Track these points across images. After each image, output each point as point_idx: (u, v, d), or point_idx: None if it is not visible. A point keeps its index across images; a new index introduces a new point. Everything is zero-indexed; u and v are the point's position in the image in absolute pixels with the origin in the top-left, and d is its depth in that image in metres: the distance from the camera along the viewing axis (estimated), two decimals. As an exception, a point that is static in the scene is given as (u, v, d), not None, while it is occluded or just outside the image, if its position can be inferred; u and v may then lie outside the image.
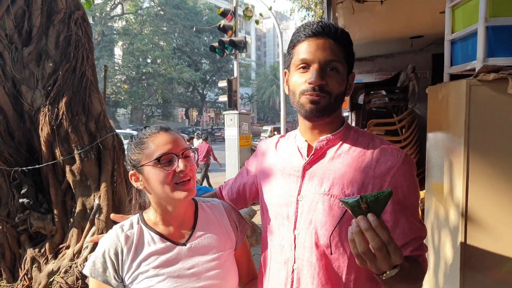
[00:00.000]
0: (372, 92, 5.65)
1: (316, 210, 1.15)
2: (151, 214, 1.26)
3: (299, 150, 1.25)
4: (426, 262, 1.16)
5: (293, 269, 1.19)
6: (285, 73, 1.26)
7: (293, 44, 1.19)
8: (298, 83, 1.14)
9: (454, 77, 2.16)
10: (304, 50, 1.13)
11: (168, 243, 1.22)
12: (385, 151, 1.15)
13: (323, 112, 1.14)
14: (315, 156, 1.20)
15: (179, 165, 1.16)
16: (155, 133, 1.20)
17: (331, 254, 1.13)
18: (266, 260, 1.30)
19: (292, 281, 1.18)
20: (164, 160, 1.16)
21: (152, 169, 1.16)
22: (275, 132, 28.01)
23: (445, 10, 2.23)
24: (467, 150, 1.76)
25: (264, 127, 33.27)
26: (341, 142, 1.20)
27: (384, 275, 0.92)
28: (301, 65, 1.14)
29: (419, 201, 1.19)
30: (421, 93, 4.74)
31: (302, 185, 1.19)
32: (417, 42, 5.72)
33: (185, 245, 1.23)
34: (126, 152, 1.27)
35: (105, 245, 1.20)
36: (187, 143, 1.60)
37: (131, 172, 1.22)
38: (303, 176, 1.20)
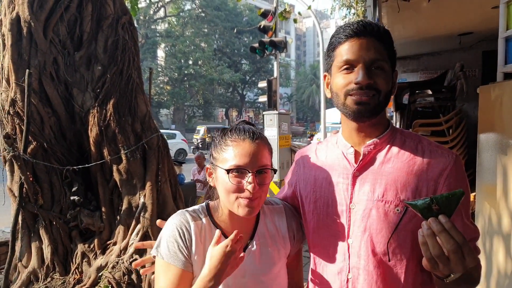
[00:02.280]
0: (418, 92, 5.47)
1: (370, 217, 1.12)
2: (217, 209, 1.26)
3: (344, 156, 1.22)
4: (480, 265, 1.11)
5: (347, 279, 1.16)
6: (325, 76, 1.23)
7: (333, 46, 1.16)
8: (343, 84, 1.12)
9: (508, 76, 2.05)
10: (347, 50, 1.10)
11: None
12: (435, 153, 1.13)
13: (372, 112, 1.11)
14: (364, 161, 1.17)
15: (248, 182, 1.12)
16: (240, 140, 1.17)
17: (389, 261, 1.11)
18: (316, 272, 1.28)
19: None
20: (234, 172, 1.13)
21: (223, 174, 1.15)
22: (209, 134, 24.04)
23: (497, 5, 2.13)
24: (524, 153, 1.67)
25: (198, 127, 27.18)
26: (389, 146, 1.17)
27: (449, 278, 0.91)
28: (345, 66, 1.11)
29: (470, 201, 1.16)
30: (469, 92, 4.55)
31: (354, 192, 1.16)
32: (465, 39, 5.49)
33: (244, 251, 1.20)
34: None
35: (176, 228, 1.18)
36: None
37: (207, 166, 1.25)
38: (353, 183, 1.17)
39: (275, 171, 1.20)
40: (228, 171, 1.13)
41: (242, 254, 1.16)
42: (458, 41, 5.59)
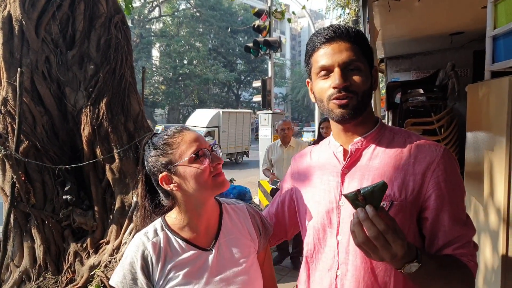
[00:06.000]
0: (410, 91, 5.51)
1: None
2: (175, 219, 1.24)
3: (335, 155, 1.24)
4: (474, 262, 1.09)
5: (336, 275, 1.17)
6: (308, 82, 1.27)
7: (309, 54, 1.20)
8: (323, 89, 1.15)
9: (496, 74, 2.08)
10: (321, 56, 1.14)
11: (196, 250, 1.20)
12: (422, 147, 1.13)
13: (354, 114, 1.13)
14: (352, 159, 1.19)
15: (214, 158, 1.18)
16: (180, 132, 1.21)
17: None
18: (308, 270, 1.29)
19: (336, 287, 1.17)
20: (201, 155, 1.16)
21: (187, 167, 1.16)
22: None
23: (486, 5, 2.15)
24: (509, 150, 1.69)
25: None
26: (376, 142, 1.18)
27: (403, 269, 0.93)
28: (322, 72, 1.15)
29: (463, 197, 1.14)
30: (461, 91, 4.59)
31: (343, 189, 1.17)
32: (457, 38, 5.54)
33: (212, 251, 1.21)
34: (145, 159, 1.23)
35: (132, 256, 1.16)
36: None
37: (162, 175, 1.18)
38: (342, 181, 1.18)
39: (218, 146, 1.26)
40: (196, 154, 1.16)
41: (213, 252, 1.20)
42: (449, 41, 5.63)
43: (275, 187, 4.98)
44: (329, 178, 1.22)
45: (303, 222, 1.31)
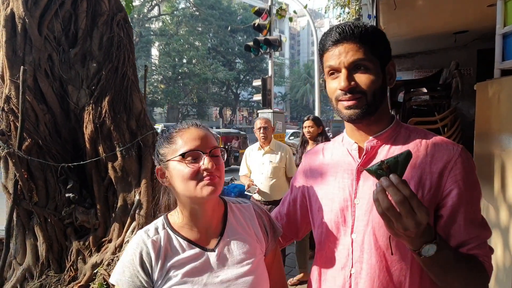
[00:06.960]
0: (413, 90, 5.49)
1: (373, 210, 1.11)
2: (176, 217, 1.21)
3: (349, 153, 1.23)
4: (489, 263, 1.07)
5: (350, 274, 1.15)
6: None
7: (321, 54, 1.21)
8: (332, 89, 1.16)
9: (505, 72, 2.07)
10: (329, 57, 1.15)
11: (197, 249, 1.17)
12: (440, 146, 1.12)
13: (364, 113, 1.12)
14: (367, 156, 1.17)
15: (205, 163, 1.11)
16: (184, 128, 1.17)
17: (392, 254, 1.10)
18: (320, 269, 1.27)
19: (350, 286, 1.15)
20: (189, 157, 1.11)
21: (177, 164, 1.12)
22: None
23: (493, 4, 2.15)
24: (522, 149, 1.68)
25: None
26: (392, 140, 1.17)
27: (421, 250, 0.92)
28: (331, 72, 1.15)
29: (480, 197, 1.13)
30: (464, 90, 4.58)
31: (358, 188, 1.16)
32: (461, 37, 5.53)
33: (214, 251, 1.17)
34: (156, 147, 1.23)
35: (132, 253, 1.14)
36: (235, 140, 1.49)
37: (157, 167, 1.18)
38: (357, 179, 1.17)
39: (226, 150, 1.19)
40: (183, 155, 1.11)
41: (215, 253, 1.16)
42: (453, 40, 5.62)
43: (251, 194, 4.39)
44: (343, 176, 1.21)
45: (316, 220, 1.29)
